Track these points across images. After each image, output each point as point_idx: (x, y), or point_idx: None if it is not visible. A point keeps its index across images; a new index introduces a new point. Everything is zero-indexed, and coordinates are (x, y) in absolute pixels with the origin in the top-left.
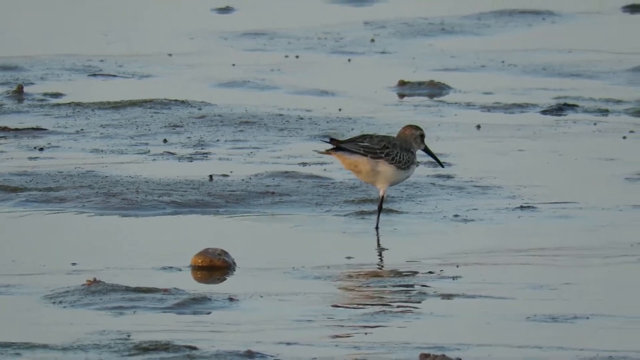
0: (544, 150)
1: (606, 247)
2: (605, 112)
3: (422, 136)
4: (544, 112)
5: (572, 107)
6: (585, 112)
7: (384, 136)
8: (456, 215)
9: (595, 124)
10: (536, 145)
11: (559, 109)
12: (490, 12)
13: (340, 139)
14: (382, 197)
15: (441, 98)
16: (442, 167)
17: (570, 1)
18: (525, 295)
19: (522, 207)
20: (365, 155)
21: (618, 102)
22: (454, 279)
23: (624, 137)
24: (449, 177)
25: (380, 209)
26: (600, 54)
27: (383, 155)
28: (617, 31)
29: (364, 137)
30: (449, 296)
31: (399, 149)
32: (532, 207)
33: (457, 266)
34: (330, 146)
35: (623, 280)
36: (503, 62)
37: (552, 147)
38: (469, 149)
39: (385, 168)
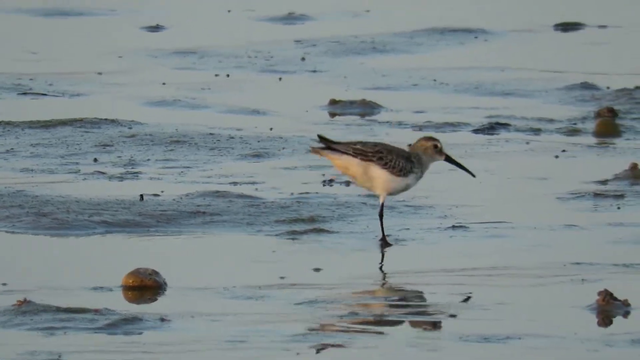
0: (476, 169)
1: (539, 267)
2: (537, 131)
3: (436, 147)
4: (476, 131)
5: (504, 126)
6: (517, 131)
7: (382, 143)
8: (388, 235)
9: (527, 143)
10: (468, 164)
11: (491, 128)
12: (422, 30)
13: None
14: (382, 204)
15: (373, 117)
16: (474, 176)
17: (502, 19)
18: (458, 315)
19: (454, 227)
20: (355, 157)
21: (550, 121)
22: (385, 299)
23: (556, 157)
24: None
25: (381, 217)
26: (532, 73)
27: (375, 159)
28: (550, 49)
29: (361, 142)
30: (381, 316)
31: (395, 155)
32: (464, 227)
33: (389, 286)
34: (320, 144)
35: (556, 301)
36: (435, 80)
37: (484, 166)
38: None
39: (377, 172)
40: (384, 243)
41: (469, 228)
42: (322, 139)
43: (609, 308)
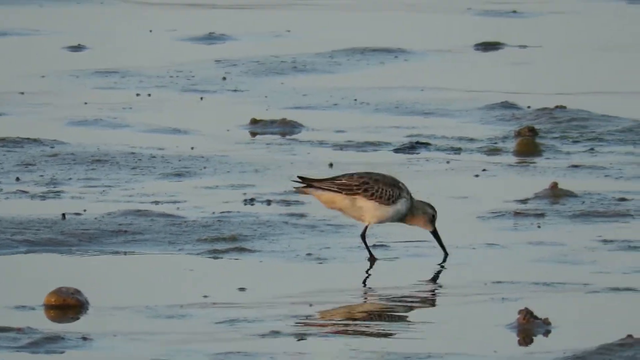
0: None
1: (460, 286)
2: (458, 150)
3: (433, 217)
4: (397, 150)
5: (425, 145)
6: (438, 151)
7: (369, 173)
8: (309, 254)
9: (448, 162)
10: None
11: (412, 147)
12: (342, 50)
13: (311, 177)
14: (365, 227)
15: (294, 136)
16: (446, 255)
17: (422, 39)
18: (381, 333)
19: (375, 246)
20: (340, 192)
21: (471, 140)
22: (307, 318)
23: (477, 176)
24: (302, 215)
25: (363, 238)
26: (452, 92)
27: (360, 191)
28: (470, 69)
29: (347, 175)
30: (303, 335)
31: (382, 184)
32: (386, 246)
33: (311, 305)
34: (301, 184)
35: (477, 319)
36: (355, 100)
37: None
38: None
39: (365, 203)
40: (372, 259)
41: (390, 247)
42: (303, 179)
43: (529, 327)
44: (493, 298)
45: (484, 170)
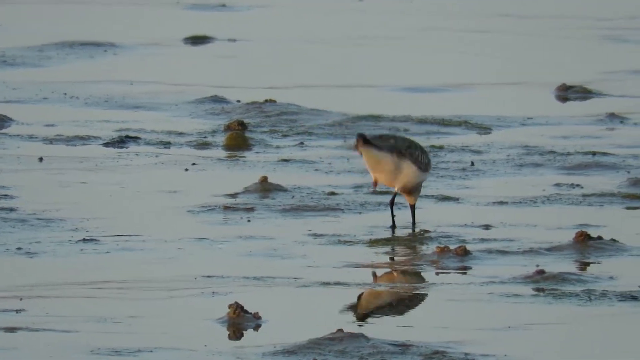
0: (106, 183)
1: (169, 280)
2: (167, 144)
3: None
4: (106, 145)
5: (134, 139)
6: (147, 145)
7: (405, 138)
8: (19, 248)
9: (157, 156)
10: (99, 178)
11: (121, 142)
12: (52, 44)
13: None
14: (395, 193)
15: (3, 130)
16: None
17: (132, 33)
18: (89, 328)
19: (85, 240)
20: (391, 153)
21: (180, 134)
22: (17, 312)
23: (186, 170)
24: (11, 209)
25: (391, 204)
26: (162, 86)
27: (407, 154)
28: (179, 63)
29: (393, 137)
30: (12, 329)
31: (420, 151)
32: (95, 240)
33: (21, 299)
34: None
35: (187, 313)
36: (65, 94)
37: (115, 180)
38: (31, 181)
39: (409, 168)
40: (393, 228)
41: (100, 241)
42: (359, 135)
43: (239, 321)
44: (203, 292)
45: (193, 164)
